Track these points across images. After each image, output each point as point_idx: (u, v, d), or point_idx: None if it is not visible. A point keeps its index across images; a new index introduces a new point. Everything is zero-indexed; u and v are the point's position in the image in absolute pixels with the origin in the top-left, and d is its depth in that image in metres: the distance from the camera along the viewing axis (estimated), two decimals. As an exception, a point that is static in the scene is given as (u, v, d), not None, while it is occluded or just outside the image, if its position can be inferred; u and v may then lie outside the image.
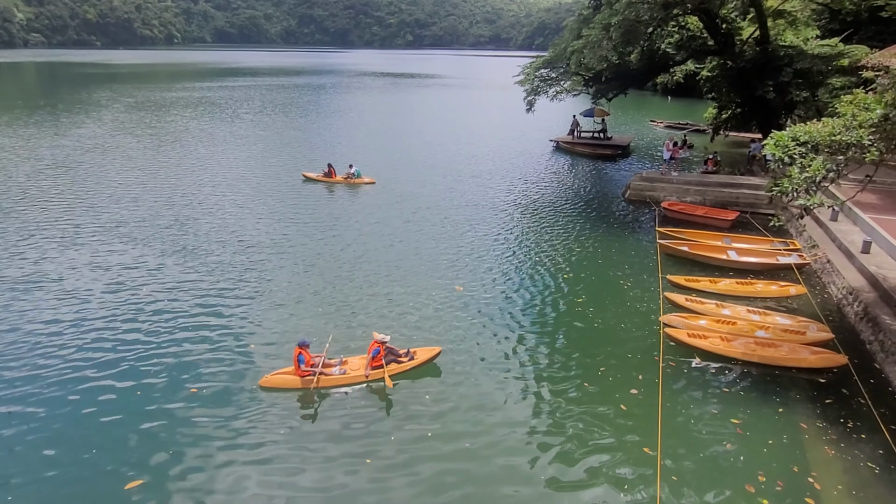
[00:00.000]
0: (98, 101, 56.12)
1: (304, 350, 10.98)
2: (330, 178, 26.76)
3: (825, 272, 16.61)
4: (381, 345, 11.31)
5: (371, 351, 11.30)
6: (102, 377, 11.30)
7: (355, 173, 26.66)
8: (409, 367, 11.55)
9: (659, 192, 24.35)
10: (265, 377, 11.07)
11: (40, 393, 10.78)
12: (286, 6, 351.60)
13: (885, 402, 10.98)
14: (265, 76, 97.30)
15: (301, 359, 10.91)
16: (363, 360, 11.47)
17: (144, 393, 10.87)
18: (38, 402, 10.54)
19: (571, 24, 29.02)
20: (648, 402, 10.80)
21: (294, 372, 11.00)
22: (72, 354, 12.04)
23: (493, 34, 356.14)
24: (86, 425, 9.96)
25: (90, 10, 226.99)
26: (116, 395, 10.77)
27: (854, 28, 35.11)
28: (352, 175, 26.60)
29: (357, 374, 11.26)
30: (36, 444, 9.50)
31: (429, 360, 11.77)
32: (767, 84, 26.24)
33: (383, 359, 11.31)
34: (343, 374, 11.20)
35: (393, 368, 11.36)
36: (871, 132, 10.06)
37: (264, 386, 10.94)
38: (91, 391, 10.86)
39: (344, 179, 26.58)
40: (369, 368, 11.26)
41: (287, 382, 10.96)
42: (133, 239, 18.90)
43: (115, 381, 11.19)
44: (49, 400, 10.59)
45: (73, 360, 11.82)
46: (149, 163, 29.98)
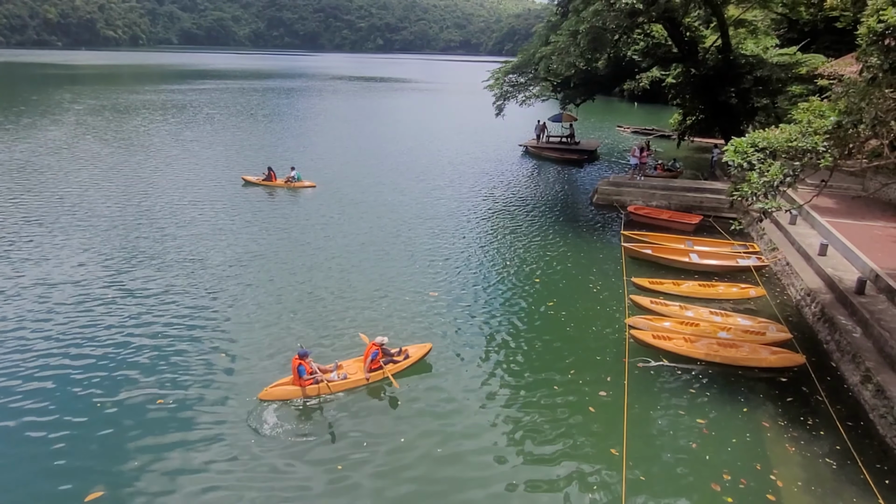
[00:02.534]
0: (59, 103, 54.52)
1: (303, 360, 10.78)
2: (270, 181, 26.33)
3: (784, 274, 17.09)
4: (378, 347, 11.40)
5: (370, 353, 11.33)
6: (57, 389, 10.98)
7: (295, 177, 26.33)
8: (406, 366, 11.74)
9: (625, 196, 24.75)
10: (265, 390, 10.73)
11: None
12: (255, 8, 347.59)
13: (840, 399, 11.34)
14: (232, 79, 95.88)
15: (301, 369, 10.71)
16: (359, 364, 11.51)
17: (110, 407, 10.56)
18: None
19: (540, 31, 29.37)
20: (616, 404, 10.95)
21: (294, 382, 10.78)
22: (26, 364, 11.65)
23: (464, 39, 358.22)
24: (46, 434, 9.65)
25: (51, 9, 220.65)
26: (80, 407, 10.45)
27: (811, 38, 36.32)
28: (292, 178, 26.25)
29: (358, 378, 11.26)
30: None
31: (422, 357, 12.02)
32: (729, 91, 27.00)
33: (381, 360, 11.40)
34: (344, 379, 11.14)
35: (391, 368, 11.47)
36: (825, 139, 10.40)
37: (264, 399, 10.64)
38: (48, 404, 10.53)
39: (284, 183, 26.18)
40: (368, 371, 11.29)
41: (288, 393, 10.72)
42: (89, 244, 18.36)
43: (76, 391, 10.87)
44: (12, 411, 10.25)
45: (26, 372, 11.44)
46: (108, 166, 29.19)
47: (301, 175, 26.58)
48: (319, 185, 26.63)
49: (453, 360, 12.40)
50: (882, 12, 9.38)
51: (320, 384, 10.87)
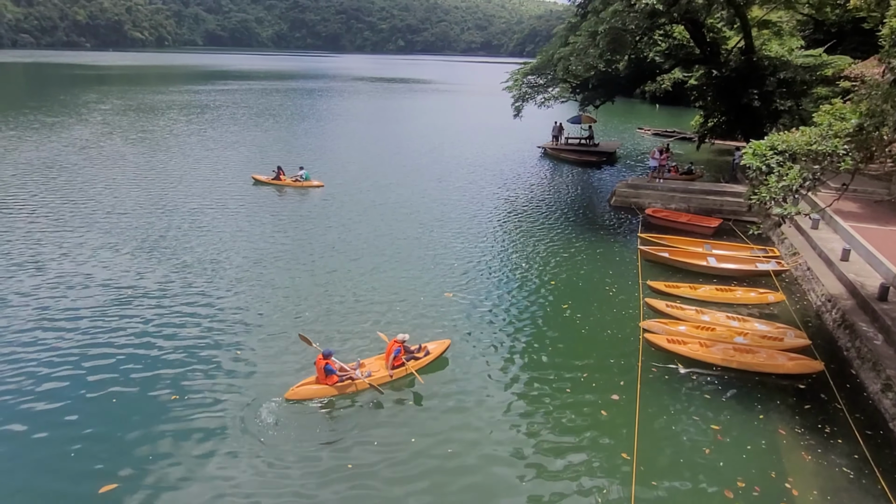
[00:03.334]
0: (85, 103, 55.73)
1: (328, 359, 10.87)
2: (279, 180, 26.59)
3: (805, 279, 16.79)
4: (401, 344, 11.58)
5: (392, 351, 11.48)
6: (81, 385, 11.21)
7: (303, 176, 26.54)
8: (427, 362, 11.91)
9: (644, 198, 24.53)
10: (291, 389, 10.80)
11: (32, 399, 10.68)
12: (278, 10, 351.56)
13: (860, 408, 11.10)
14: (255, 80, 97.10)
15: (328, 368, 10.80)
16: (380, 361, 11.67)
17: (135, 404, 10.73)
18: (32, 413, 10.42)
19: (560, 32, 29.27)
20: (628, 408, 10.85)
21: (320, 381, 10.86)
22: (49, 360, 11.93)
23: (485, 40, 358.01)
24: (66, 428, 9.88)
25: (80, 11, 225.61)
26: (98, 406, 10.65)
27: (838, 39, 35.65)
28: (300, 178, 26.47)
29: (382, 375, 11.37)
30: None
31: (442, 353, 12.21)
32: (752, 93, 26.59)
33: (403, 357, 11.58)
34: (368, 377, 11.24)
35: (413, 365, 11.64)
36: (846, 142, 10.20)
37: (291, 398, 10.71)
38: (69, 402, 10.76)
39: (292, 182, 26.42)
40: (392, 368, 11.45)
41: (314, 393, 10.77)
42: (110, 242, 18.73)
43: (94, 392, 11.09)
44: (28, 411, 10.49)
45: (50, 367, 11.70)
46: (132, 165, 29.77)
47: (309, 174, 26.82)
48: (330, 186, 26.83)
49: (468, 362, 12.39)
50: (905, 13, 9.19)
51: (345, 382, 10.97)
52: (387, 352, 11.61)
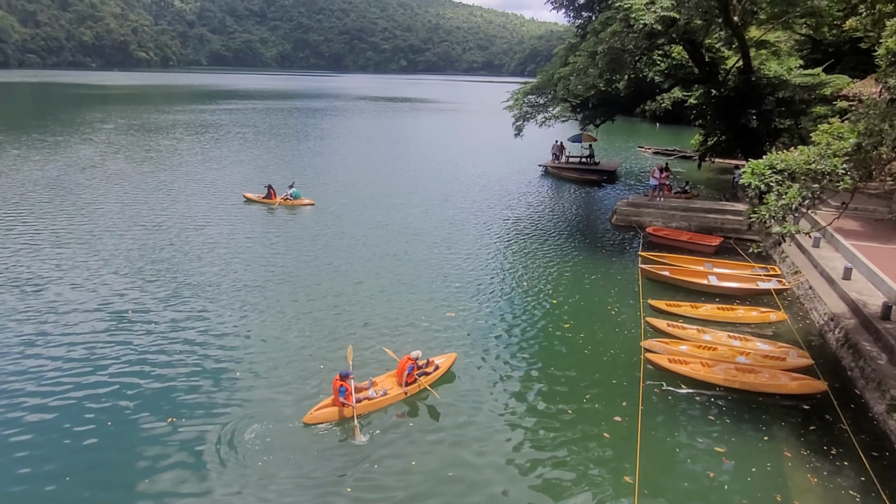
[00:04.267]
0: (90, 122, 56.25)
1: (345, 381, 10.79)
2: (270, 199, 26.68)
3: (807, 298, 16.70)
4: (413, 361, 11.65)
5: (405, 367, 11.55)
6: (81, 403, 11.15)
7: (293, 194, 26.62)
8: (438, 377, 12.05)
9: (645, 217, 24.53)
10: (309, 413, 10.69)
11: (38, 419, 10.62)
12: (282, 31, 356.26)
13: (865, 429, 10.97)
14: (259, 99, 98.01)
15: (342, 390, 10.71)
16: (391, 379, 11.77)
17: (155, 433, 10.65)
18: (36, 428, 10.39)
19: (560, 52, 29.56)
20: (631, 430, 10.71)
21: (336, 403, 10.76)
22: (49, 378, 11.88)
23: (486, 60, 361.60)
24: (65, 448, 9.81)
25: (86, 32, 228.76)
26: (96, 424, 10.60)
27: (836, 58, 35.93)
28: (290, 196, 26.54)
29: (397, 393, 11.43)
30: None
31: (450, 367, 12.41)
32: (751, 112, 26.73)
33: (416, 373, 11.70)
34: (384, 395, 11.27)
35: (426, 380, 11.78)
36: (844, 161, 10.22)
37: (309, 422, 10.60)
38: (69, 417, 10.70)
39: (282, 200, 26.51)
40: (405, 385, 11.51)
41: (332, 415, 10.68)
42: (112, 262, 18.74)
43: (91, 406, 11.02)
44: (36, 426, 10.44)
45: (51, 384, 11.66)
46: (134, 185, 29.89)
47: (299, 193, 26.93)
48: (322, 204, 26.92)
49: (469, 383, 12.29)
50: (901, 34, 9.26)
51: (362, 403, 10.90)
52: (399, 369, 11.66)
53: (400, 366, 11.70)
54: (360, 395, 10.96)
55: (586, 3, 28.50)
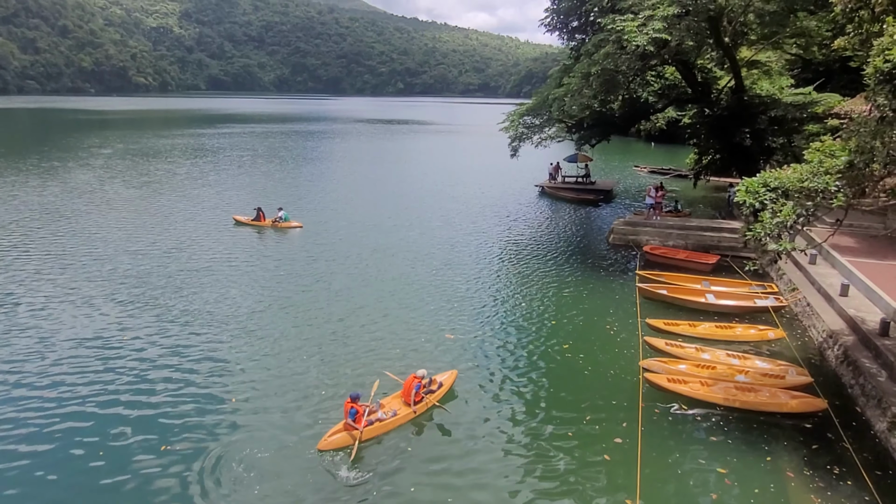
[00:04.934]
0: (88, 148, 56.55)
1: (355, 403, 10.76)
2: (259, 221, 26.78)
3: (805, 315, 16.67)
4: (420, 379, 11.71)
5: (412, 387, 11.59)
6: (73, 430, 11.02)
7: (282, 217, 26.73)
8: (443, 394, 12.16)
9: (641, 235, 24.58)
10: (323, 439, 10.58)
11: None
12: (280, 55, 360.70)
13: (867, 447, 10.86)
14: (258, 123, 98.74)
15: (353, 412, 10.66)
16: (397, 399, 11.77)
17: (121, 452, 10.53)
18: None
19: (554, 74, 29.89)
20: (631, 451, 10.60)
21: (348, 427, 10.69)
22: (46, 408, 11.73)
23: (482, 82, 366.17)
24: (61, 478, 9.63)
25: (85, 58, 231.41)
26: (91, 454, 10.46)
27: (827, 77, 36.43)
28: (279, 219, 26.65)
29: (407, 413, 11.43)
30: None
31: (452, 385, 12.53)
32: (744, 131, 26.96)
33: (422, 392, 11.77)
34: (394, 416, 11.25)
35: (432, 398, 11.87)
36: (837, 178, 10.27)
37: (324, 449, 10.44)
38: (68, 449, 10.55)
39: (271, 223, 26.60)
40: (414, 404, 11.53)
41: (347, 440, 10.56)
42: (107, 288, 18.69)
43: (84, 439, 10.88)
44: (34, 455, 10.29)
45: (42, 412, 11.53)
46: (130, 210, 29.98)
47: (289, 215, 27.05)
48: (321, 227, 27.00)
49: (469, 406, 12.20)
50: (888, 52, 9.38)
51: (374, 425, 10.87)
52: (406, 389, 11.69)
53: (406, 386, 11.71)
54: (372, 418, 10.93)
55: (579, 26, 28.88)
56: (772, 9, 26.72)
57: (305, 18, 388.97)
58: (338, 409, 11.38)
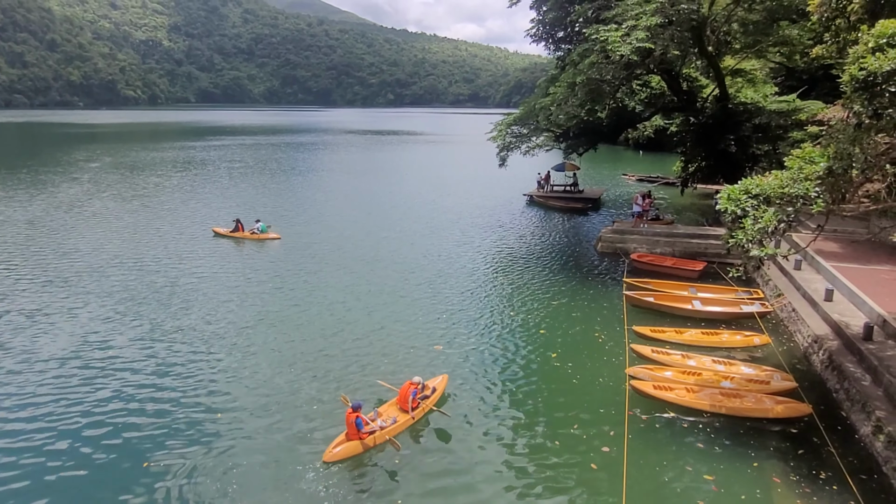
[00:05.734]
0: (75, 161, 56.24)
1: (358, 413, 10.73)
2: (237, 233, 26.74)
3: (790, 320, 16.76)
4: (416, 385, 11.83)
5: (409, 393, 11.68)
6: (56, 446, 10.86)
7: (259, 228, 26.72)
8: (438, 398, 12.35)
9: (629, 243, 24.68)
10: (328, 452, 10.46)
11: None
12: (270, 67, 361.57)
13: (852, 451, 10.89)
14: (248, 135, 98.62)
15: (359, 422, 10.64)
16: (392, 407, 11.81)
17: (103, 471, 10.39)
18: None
19: (541, 84, 30.12)
20: (619, 460, 10.57)
21: (351, 437, 10.65)
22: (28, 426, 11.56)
23: (472, 93, 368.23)
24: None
25: (74, 72, 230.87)
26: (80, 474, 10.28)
27: (810, 85, 36.89)
28: (256, 230, 26.64)
29: (406, 419, 11.50)
30: None
31: (444, 389, 12.70)
32: (729, 138, 27.26)
33: (419, 397, 11.89)
34: (395, 423, 11.27)
35: (428, 403, 12.03)
36: (817, 184, 10.37)
37: (330, 461, 10.34)
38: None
39: (249, 234, 26.57)
40: (412, 409, 11.63)
41: (351, 450, 10.54)
42: (93, 302, 18.52)
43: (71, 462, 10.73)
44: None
45: (27, 427, 11.35)
46: (117, 224, 29.78)
47: (266, 227, 27.05)
48: (294, 237, 26.96)
49: (458, 415, 12.14)
50: (863, 60, 9.51)
51: (375, 433, 10.86)
52: (403, 396, 11.74)
53: (403, 393, 11.76)
54: (374, 426, 10.96)
55: (565, 36, 29.17)
56: (754, 18, 27.17)
57: (295, 30, 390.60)
58: (327, 421, 11.34)
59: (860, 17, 16.19)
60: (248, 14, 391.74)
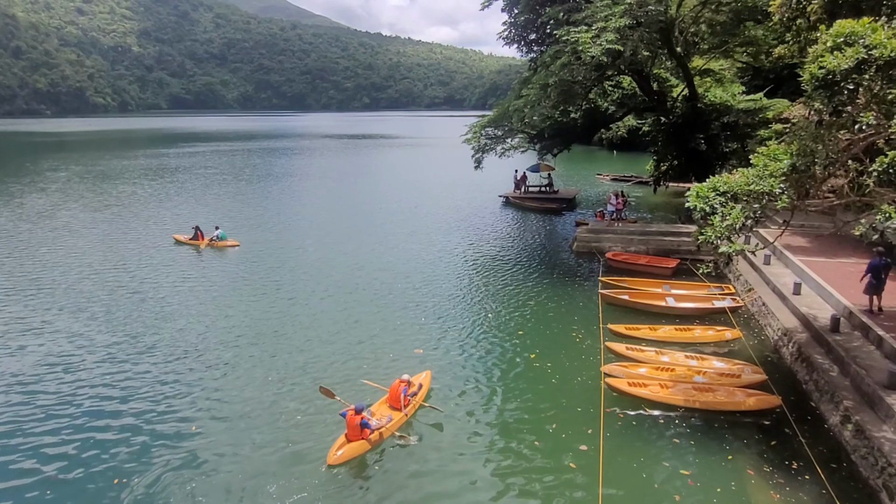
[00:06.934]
0: (42, 171, 54.97)
1: (362, 414, 10.78)
2: (197, 240, 26.50)
3: (761, 314, 17.09)
4: (406, 383, 11.97)
5: (401, 390, 11.81)
6: (20, 464, 10.56)
7: (219, 236, 26.53)
8: (426, 392, 12.69)
9: (604, 242, 24.94)
10: (330, 455, 10.42)
11: None
12: (243, 73, 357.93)
13: (821, 441, 11.13)
14: (222, 141, 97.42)
15: (364, 423, 10.69)
16: (383, 406, 11.99)
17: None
18: None
19: (515, 86, 30.32)
20: (597, 458, 10.64)
21: (353, 438, 10.72)
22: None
23: (448, 95, 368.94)
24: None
25: (40, 79, 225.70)
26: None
27: (776, 84, 37.68)
28: (215, 238, 26.44)
29: (400, 417, 11.67)
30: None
31: (429, 384, 13.03)
32: (699, 137, 27.72)
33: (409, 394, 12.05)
34: (391, 422, 11.41)
35: (418, 399, 12.31)
36: (781, 181, 10.61)
37: (334, 464, 10.33)
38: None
39: (208, 242, 26.36)
40: (406, 407, 11.80)
41: (354, 451, 10.61)
42: (58, 315, 18.11)
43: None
44: None
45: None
46: (84, 232, 29.20)
47: (225, 234, 26.84)
48: (255, 244, 26.72)
49: (438, 417, 12.14)
50: (821, 59, 9.76)
51: (375, 434, 10.96)
52: (394, 394, 11.89)
53: (394, 391, 11.90)
54: (376, 426, 11.05)
55: (537, 38, 29.36)
56: (721, 19, 27.72)
57: (268, 35, 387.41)
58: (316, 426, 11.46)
59: (819, 18, 16.61)
60: (220, 19, 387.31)
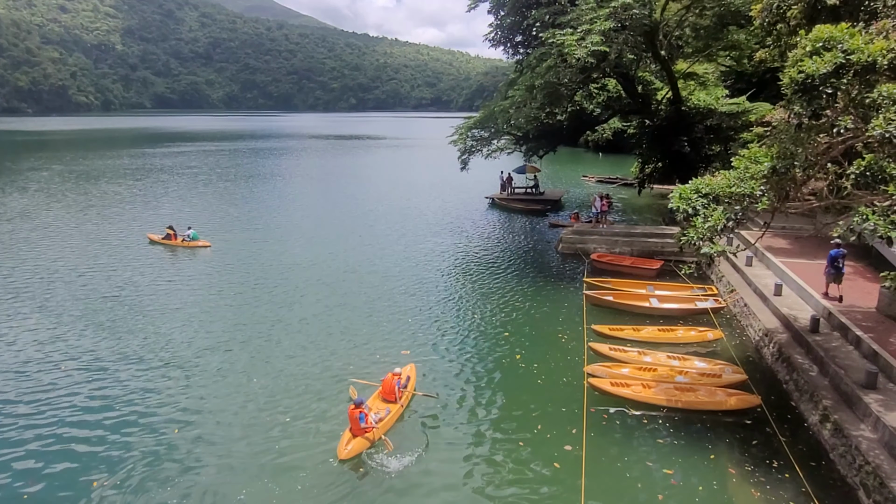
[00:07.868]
0: (22, 171, 54.07)
1: (361, 408, 10.94)
2: (170, 240, 26.40)
3: (742, 315, 17.29)
4: (398, 376, 12.40)
5: (394, 384, 12.20)
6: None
7: (190, 236, 26.44)
8: (414, 384, 12.94)
9: (589, 244, 25.07)
10: (341, 449, 10.66)
11: None
12: (228, 72, 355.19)
13: (801, 440, 11.30)
14: (209, 141, 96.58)
15: (361, 417, 10.87)
16: (379, 399, 12.26)
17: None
18: None
19: (501, 88, 30.43)
20: (581, 459, 10.71)
21: (357, 432, 10.89)
22: None
23: (435, 96, 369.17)
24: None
25: (22, 77, 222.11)
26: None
27: (759, 87, 38.17)
28: (187, 237, 26.36)
29: (397, 408, 11.96)
30: None
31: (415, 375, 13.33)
32: (683, 140, 28.00)
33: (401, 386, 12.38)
34: (389, 414, 11.67)
35: (410, 389, 12.59)
36: (762, 183, 10.74)
37: (346, 458, 10.56)
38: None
39: (180, 242, 26.27)
40: (401, 399, 12.13)
41: (362, 445, 10.84)
42: (36, 316, 17.85)
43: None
44: None
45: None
46: (64, 232, 28.79)
47: (197, 234, 26.71)
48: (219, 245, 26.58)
49: (424, 418, 12.14)
50: (801, 63, 9.90)
51: (376, 426, 11.16)
52: (388, 388, 12.19)
53: (387, 385, 12.19)
54: (378, 418, 11.33)
55: (523, 41, 29.51)
56: (705, 23, 28.00)
57: (254, 34, 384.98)
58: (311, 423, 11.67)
59: (799, 23, 16.84)
60: (205, 18, 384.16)
